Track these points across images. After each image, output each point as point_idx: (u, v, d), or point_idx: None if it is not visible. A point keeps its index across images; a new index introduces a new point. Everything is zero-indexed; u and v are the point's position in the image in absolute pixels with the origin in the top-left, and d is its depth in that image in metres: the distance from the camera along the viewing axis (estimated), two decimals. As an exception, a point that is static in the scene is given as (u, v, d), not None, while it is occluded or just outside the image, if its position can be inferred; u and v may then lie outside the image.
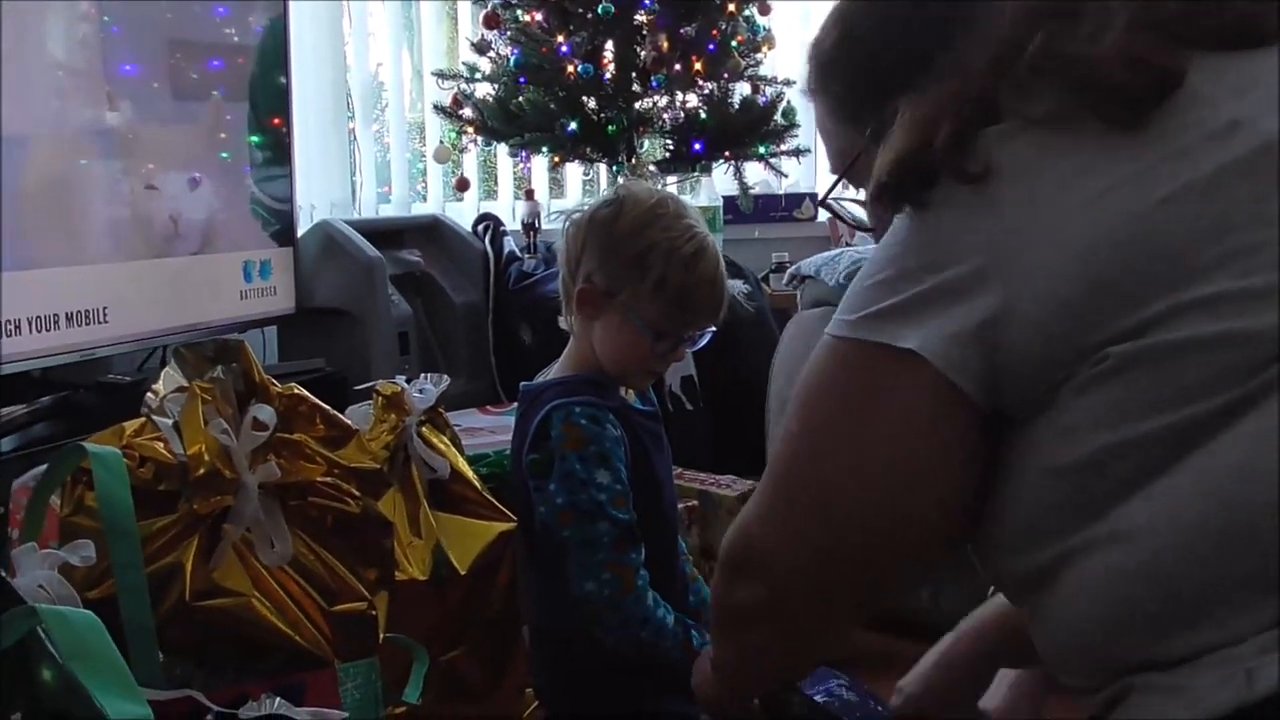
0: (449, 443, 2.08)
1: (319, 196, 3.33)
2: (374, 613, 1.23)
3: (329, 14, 3.37)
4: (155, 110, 2.25)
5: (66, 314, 2.03)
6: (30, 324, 1.95)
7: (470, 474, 2.07)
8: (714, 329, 1.55)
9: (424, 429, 2.05)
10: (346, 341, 2.66)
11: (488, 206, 3.52)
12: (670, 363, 1.59)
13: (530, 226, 2.92)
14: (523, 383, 1.79)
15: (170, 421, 1.09)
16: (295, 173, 2.67)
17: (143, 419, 1.15)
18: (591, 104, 2.75)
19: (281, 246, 2.58)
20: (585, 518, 1.45)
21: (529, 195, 2.95)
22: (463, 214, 3.44)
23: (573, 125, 2.65)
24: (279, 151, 2.61)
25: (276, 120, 2.63)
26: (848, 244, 3.36)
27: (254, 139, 2.55)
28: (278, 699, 0.98)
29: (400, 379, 2.07)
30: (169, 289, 2.26)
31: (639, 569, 1.45)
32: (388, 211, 3.51)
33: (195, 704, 0.96)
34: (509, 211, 3.41)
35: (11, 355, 1.91)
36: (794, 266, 2.73)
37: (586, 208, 1.52)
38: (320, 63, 3.35)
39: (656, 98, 2.74)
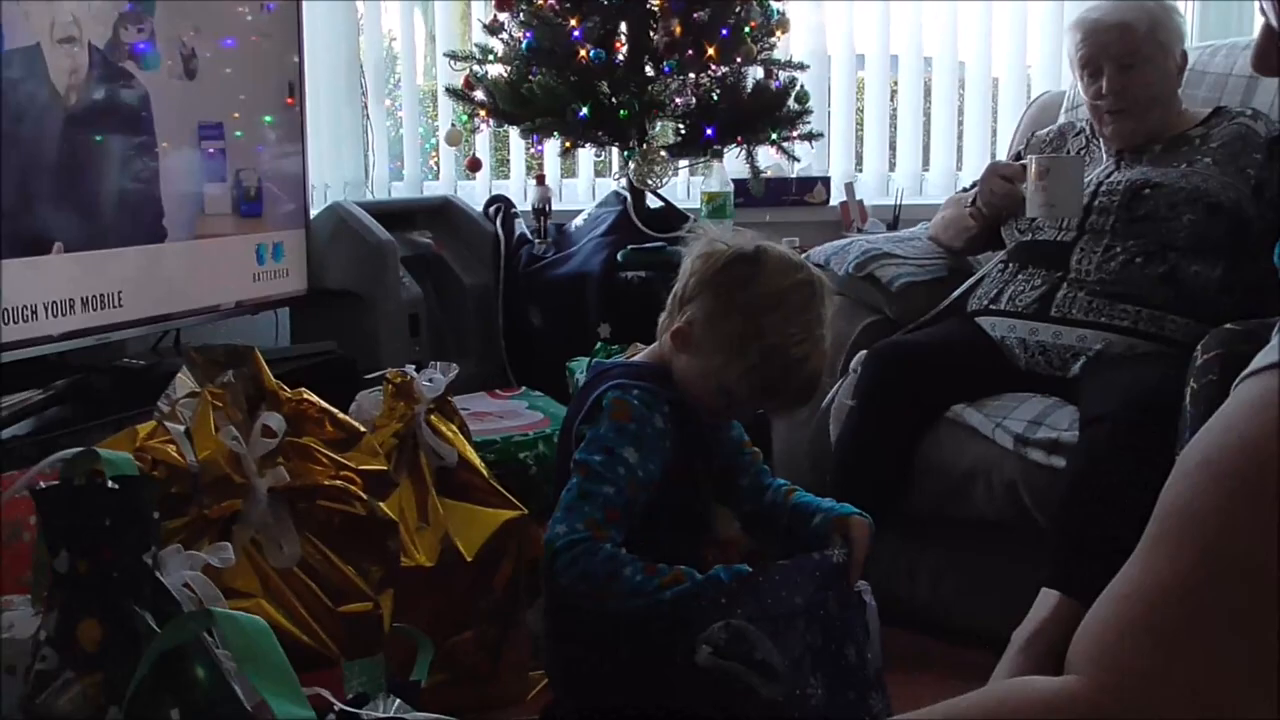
0: (457, 431, 2.11)
1: (331, 174, 3.34)
2: (380, 612, 1.25)
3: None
4: (170, 84, 2.25)
5: (82, 298, 2.04)
6: (46, 309, 1.97)
7: (478, 462, 2.09)
8: None
9: (433, 417, 2.07)
10: (357, 323, 2.68)
11: (500, 186, 3.53)
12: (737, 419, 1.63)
13: (541, 211, 2.92)
14: (596, 360, 1.80)
15: (182, 428, 1.11)
16: (308, 152, 2.68)
17: (154, 422, 1.17)
18: (604, 88, 2.75)
19: (294, 229, 2.59)
20: (595, 477, 1.45)
21: (540, 180, 2.95)
22: (474, 193, 3.45)
23: (584, 110, 2.65)
24: (291, 129, 2.62)
25: (289, 99, 2.63)
26: (859, 230, 3.37)
27: (266, 118, 2.56)
28: (396, 700, 0.99)
29: (410, 368, 2.09)
30: (183, 272, 2.28)
31: (618, 546, 1.42)
32: (400, 190, 3.52)
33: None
34: (521, 190, 3.42)
35: (28, 339, 1.93)
36: (804, 254, 2.72)
37: (726, 242, 1.50)
38: (334, 36, 3.36)
39: (669, 81, 2.73)
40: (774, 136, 2.92)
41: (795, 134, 2.99)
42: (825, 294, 1.49)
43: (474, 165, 3.15)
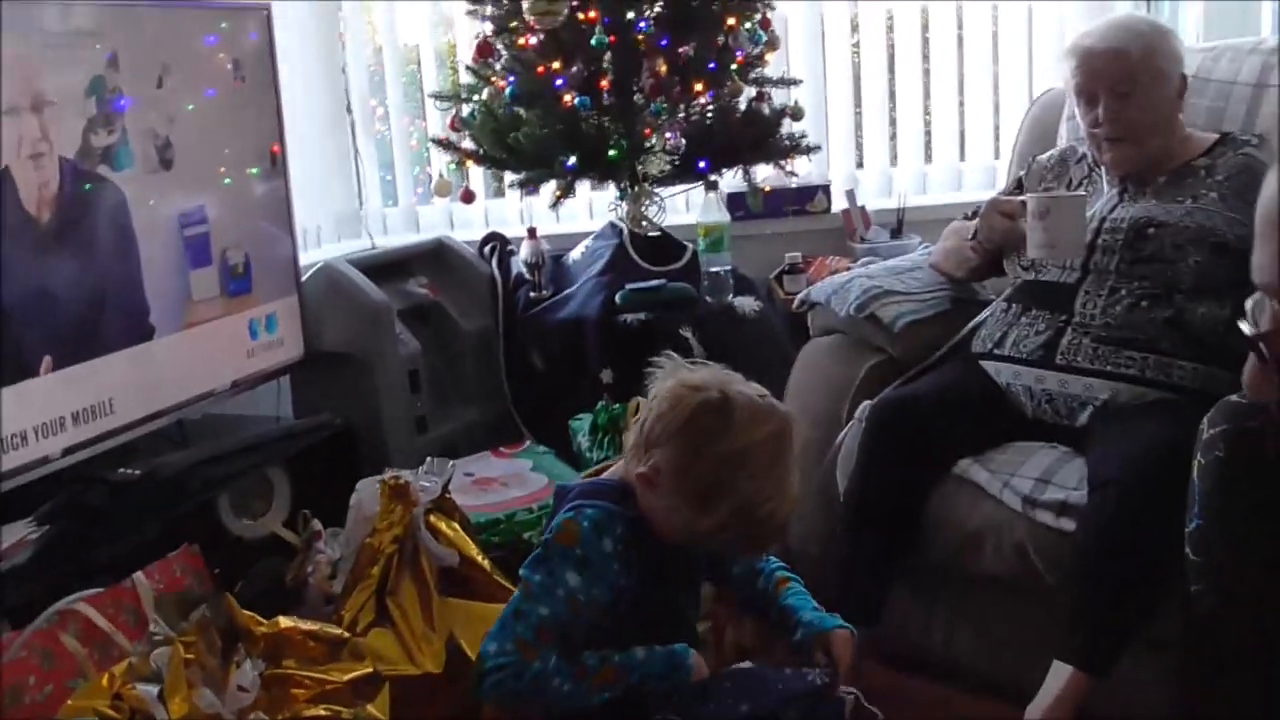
0: (458, 528, 2.10)
1: (322, 212, 3.29)
2: (376, 826, 1.24)
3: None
4: (146, 180, 2.20)
5: (72, 414, 2.03)
6: (36, 432, 1.95)
7: (479, 558, 2.09)
8: None
9: (432, 516, 2.06)
10: (356, 384, 2.66)
11: (495, 206, 3.48)
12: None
13: (536, 265, 2.87)
14: (558, 484, 1.81)
15: (155, 690, 1.10)
16: (294, 214, 2.63)
17: (127, 662, 1.16)
18: (591, 130, 2.68)
19: (285, 297, 2.56)
20: (532, 597, 1.48)
21: (531, 234, 2.90)
22: (470, 221, 3.40)
23: (572, 160, 2.59)
24: (276, 197, 2.56)
25: (272, 161, 2.58)
26: (863, 238, 3.30)
27: (249, 189, 2.51)
28: None
29: (406, 473, 2.08)
30: (174, 365, 2.25)
31: (547, 663, 1.45)
32: (394, 217, 3.48)
33: None
34: (517, 213, 3.37)
35: (19, 467, 1.92)
36: (804, 291, 2.68)
37: (694, 384, 1.48)
38: (316, 71, 3.29)
39: (658, 119, 2.67)
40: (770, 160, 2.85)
41: (793, 153, 2.92)
42: (794, 437, 1.47)
43: (468, 198, 3.10)
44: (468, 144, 2.80)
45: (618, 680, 1.48)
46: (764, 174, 3.10)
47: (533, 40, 2.65)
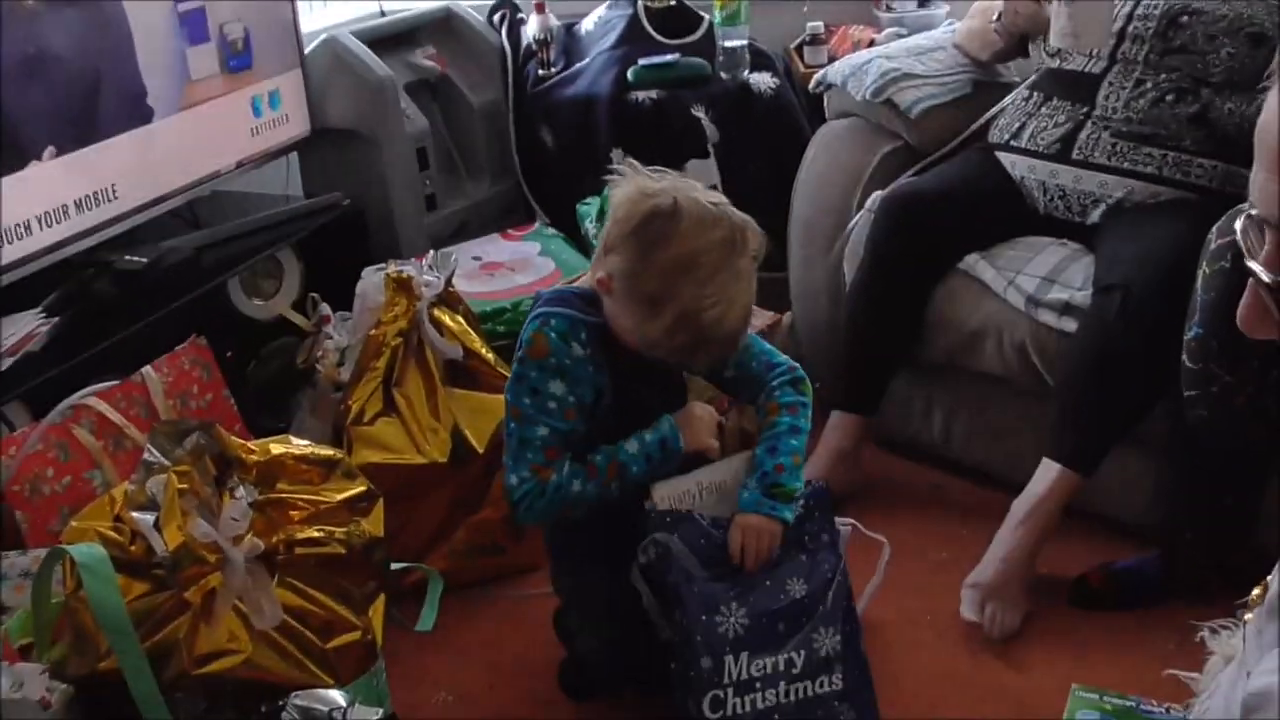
0: (462, 320, 2.12)
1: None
2: (370, 637, 1.31)
3: None
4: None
5: (75, 201, 2.02)
6: (39, 221, 1.96)
7: (483, 350, 2.12)
8: None
9: (436, 310, 2.08)
10: (364, 162, 2.62)
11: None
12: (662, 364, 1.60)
13: (544, 43, 2.76)
14: (539, 291, 1.81)
15: (151, 519, 1.14)
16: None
17: (124, 488, 1.20)
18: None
19: (289, 71, 2.49)
20: (528, 421, 1.54)
21: (539, 9, 2.78)
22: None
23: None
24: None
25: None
26: (889, 7, 3.15)
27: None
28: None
29: (409, 265, 2.08)
30: (176, 147, 2.22)
31: (561, 473, 1.54)
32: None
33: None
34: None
35: (25, 257, 1.93)
36: (821, 72, 2.59)
37: (649, 191, 1.47)
38: None
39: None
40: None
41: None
42: (744, 246, 1.46)
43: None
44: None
45: (622, 474, 1.56)
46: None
47: None
